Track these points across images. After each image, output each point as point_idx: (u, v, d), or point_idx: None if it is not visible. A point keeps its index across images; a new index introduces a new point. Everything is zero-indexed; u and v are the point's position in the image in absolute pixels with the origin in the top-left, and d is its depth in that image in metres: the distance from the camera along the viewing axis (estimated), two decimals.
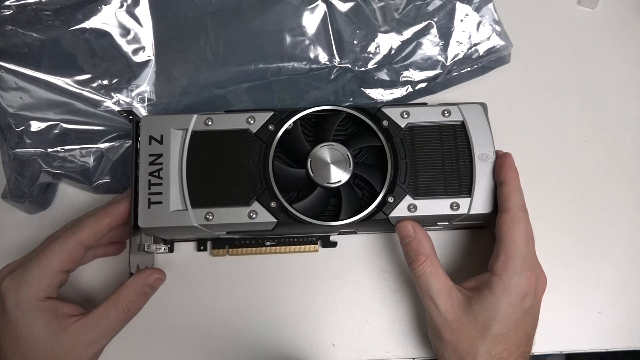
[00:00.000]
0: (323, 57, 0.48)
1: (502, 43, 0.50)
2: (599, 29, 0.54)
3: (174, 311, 0.46)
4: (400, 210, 0.41)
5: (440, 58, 0.49)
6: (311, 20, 0.48)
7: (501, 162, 0.41)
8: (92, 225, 0.41)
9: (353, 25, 0.48)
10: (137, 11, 0.47)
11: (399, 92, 0.49)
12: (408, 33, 0.49)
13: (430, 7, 0.49)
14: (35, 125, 0.46)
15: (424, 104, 0.44)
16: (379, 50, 0.49)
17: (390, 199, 0.41)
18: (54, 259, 0.39)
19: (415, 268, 0.41)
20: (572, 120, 0.51)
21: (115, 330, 0.41)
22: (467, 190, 0.42)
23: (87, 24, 0.46)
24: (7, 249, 0.47)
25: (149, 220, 0.41)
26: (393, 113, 0.43)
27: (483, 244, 0.47)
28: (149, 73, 0.47)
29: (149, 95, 0.47)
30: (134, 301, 0.40)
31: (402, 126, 0.42)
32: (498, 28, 0.50)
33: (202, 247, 0.47)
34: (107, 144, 0.47)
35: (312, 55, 0.48)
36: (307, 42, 0.48)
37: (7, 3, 0.46)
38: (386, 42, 0.49)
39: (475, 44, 0.49)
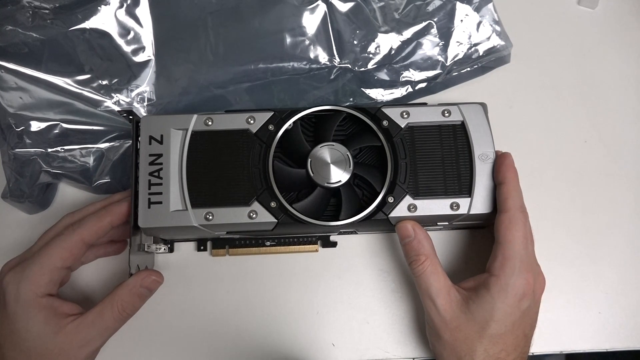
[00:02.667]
0: (323, 57, 0.48)
1: (502, 43, 0.50)
2: (599, 29, 0.54)
3: (174, 311, 0.46)
4: (400, 210, 0.41)
5: (440, 58, 0.49)
6: (311, 20, 0.48)
7: (500, 162, 0.41)
8: (94, 223, 0.41)
9: (353, 25, 0.49)
10: (137, 11, 0.47)
11: (399, 92, 0.49)
12: (408, 33, 0.49)
13: (430, 7, 0.49)
14: (35, 125, 0.46)
15: (424, 104, 0.44)
16: (379, 50, 0.49)
17: (390, 199, 0.41)
18: (54, 255, 0.39)
19: (415, 268, 0.41)
20: (572, 120, 0.51)
21: (110, 331, 0.41)
22: (467, 190, 0.42)
23: (87, 24, 0.46)
24: (7, 249, 0.47)
25: (149, 220, 0.41)
26: (393, 113, 0.43)
27: (483, 244, 0.47)
28: (149, 73, 0.47)
29: (149, 95, 0.47)
30: (129, 302, 0.40)
31: (402, 126, 0.42)
32: (498, 28, 0.50)
33: (202, 247, 0.47)
34: (107, 144, 0.47)
35: (312, 55, 0.48)
36: (307, 42, 0.48)
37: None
38: (386, 42, 0.49)
39: (475, 44, 0.49)
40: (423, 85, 0.49)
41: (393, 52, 0.49)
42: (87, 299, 0.46)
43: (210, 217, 0.41)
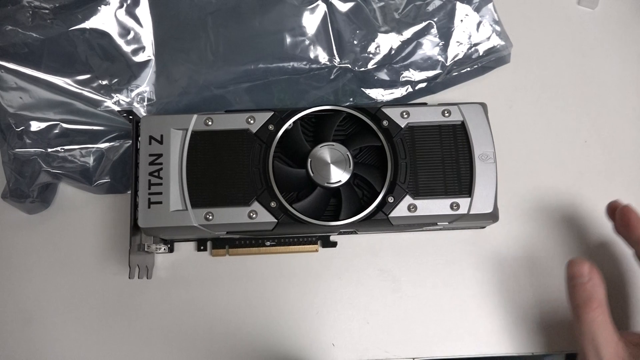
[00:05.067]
0: (323, 57, 0.48)
1: (502, 43, 0.50)
2: (599, 29, 0.54)
3: (174, 311, 0.46)
4: (400, 210, 0.41)
5: (440, 58, 0.49)
6: (311, 20, 0.48)
7: (629, 218, 0.40)
8: None
9: (353, 25, 0.49)
10: (137, 11, 0.47)
11: (399, 92, 0.49)
12: (408, 33, 0.49)
13: (430, 7, 0.49)
14: (35, 125, 0.46)
15: (424, 104, 0.44)
16: (379, 50, 0.49)
17: (390, 199, 0.41)
18: None
19: (585, 314, 0.38)
20: (572, 120, 0.51)
21: None
22: (467, 190, 0.42)
23: (87, 24, 0.46)
24: (7, 249, 0.47)
25: (149, 220, 0.41)
26: (393, 113, 0.43)
27: (483, 244, 0.47)
28: (149, 73, 0.47)
29: (149, 95, 0.47)
30: None
31: (402, 126, 0.42)
32: (498, 28, 0.50)
33: (202, 247, 0.47)
34: (107, 144, 0.47)
35: (312, 55, 0.48)
36: (307, 42, 0.48)
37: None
38: (386, 42, 0.49)
39: (475, 44, 0.49)
40: (423, 85, 0.49)
41: (393, 52, 0.49)
42: (89, 304, 0.46)
43: (210, 217, 0.41)
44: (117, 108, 0.46)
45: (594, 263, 0.38)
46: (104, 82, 0.46)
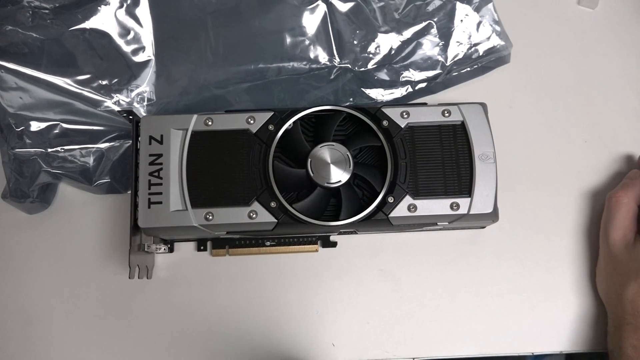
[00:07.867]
0: (323, 57, 0.48)
1: (502, 43, 0.50)
2: (599, 29, 0.54)
3: (174, 311, 0.46)
4: (400, 210, 0.41)
5: (440, 58, 0.49)
6: (311, 20, 0.48)
7: None
8: None
9: (353, 25, 0.49)
10: (137, 11, 0.47)
11: (399, 92, 0.49)
12: (408, 33, 0.49)
13: (430, 7, 0.49)
14: (35, 125, 0.46)
15: (424, 104, 0.44)
16: (379, 50, 0.49)
17: (390, 199, 0.41)
18: None
19: (616, 194, 0.44)
20: (572, 120, 0.51)
21: None
22: (467, 190, 0.42)
23: (87, 24, 0.46)
24: (7, 249, 0.47)
25: (149, 220, 0.41)
26: (393, 113, 0.43)
27: (483, 244, 0.47)
28: (149, 73, 0.47)
29: (149, 95, 0.47)
30: None
31: (402, 126, 0.42)
32: (498, 28, 0.50)
33: (202, 247, 0.47)
34: (107, 144, 0.47)
35: (312, 55, 0.48)
36: (307, 42, 0.48)
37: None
38: (386, 42, 0.49)
39: (475, 44, 0.49)
40: (423, 85, 0.49)
41: (393, 52, 0.49)
42: (89, 301, 0.46)
43: (210, 217, 0.41)
44: (117, 108, 0.46)
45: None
46: (104, 82, 0.46)
